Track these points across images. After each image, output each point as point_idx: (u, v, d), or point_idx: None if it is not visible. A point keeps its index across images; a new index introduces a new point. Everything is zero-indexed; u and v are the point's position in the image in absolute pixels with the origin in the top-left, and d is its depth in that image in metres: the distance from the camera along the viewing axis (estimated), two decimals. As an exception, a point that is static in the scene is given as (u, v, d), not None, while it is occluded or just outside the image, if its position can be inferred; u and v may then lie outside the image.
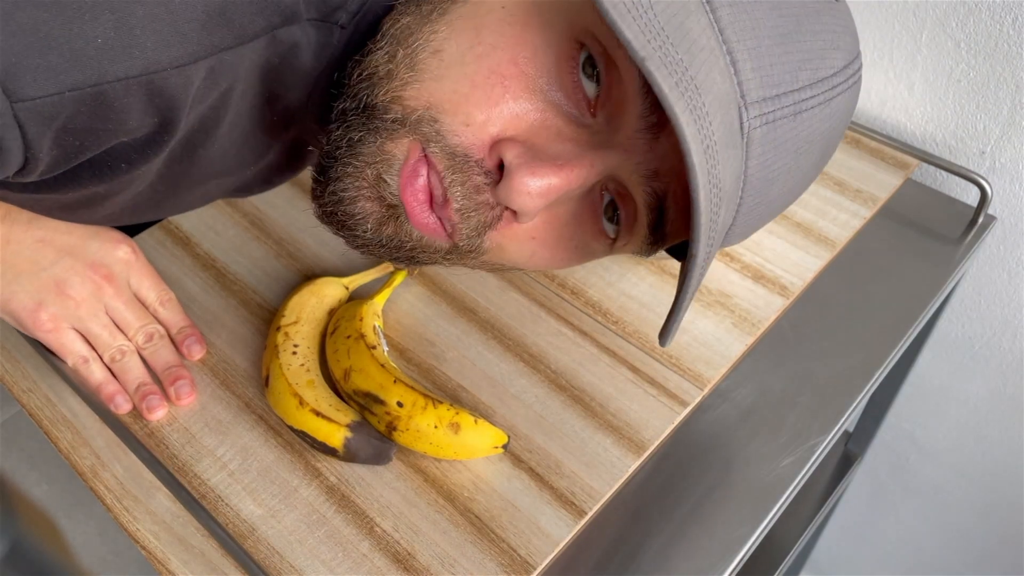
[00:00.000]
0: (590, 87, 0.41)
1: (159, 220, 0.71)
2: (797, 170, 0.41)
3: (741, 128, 0.37)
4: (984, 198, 0.70)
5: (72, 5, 0.34)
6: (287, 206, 0.72)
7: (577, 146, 0.41)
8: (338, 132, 0.44)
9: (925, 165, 0.77)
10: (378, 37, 0.44)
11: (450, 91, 0.41)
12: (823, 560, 1.31)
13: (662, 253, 0.54)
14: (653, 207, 0.42)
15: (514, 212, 0.43)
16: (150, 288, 0.61)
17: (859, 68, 0.43)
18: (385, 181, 0.43)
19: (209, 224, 0.70)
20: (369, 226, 0.45)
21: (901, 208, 0.73)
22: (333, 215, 0.45)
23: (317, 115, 0.49)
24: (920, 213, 0.73)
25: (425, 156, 0.42)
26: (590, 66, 0.40)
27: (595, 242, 0.46)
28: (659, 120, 0.39)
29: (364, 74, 0.44)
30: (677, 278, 0.66)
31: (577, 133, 0.42)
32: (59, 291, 0.57)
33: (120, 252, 0.60)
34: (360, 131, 0.43)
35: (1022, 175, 0.74)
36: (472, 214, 0.43)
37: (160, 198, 0.50)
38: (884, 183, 0.73)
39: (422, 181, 0.43)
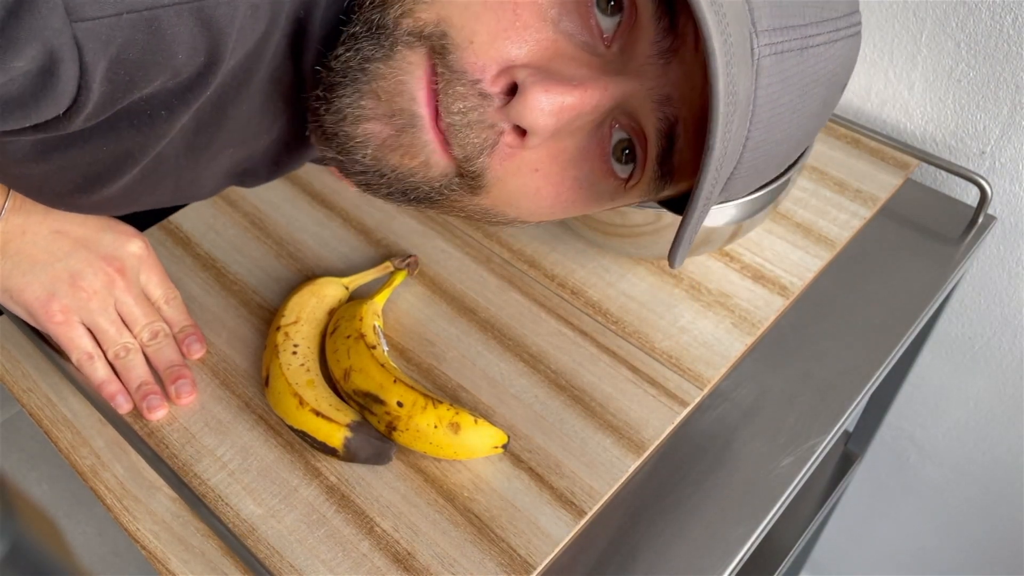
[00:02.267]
0: (605, 21, 0.41)
1: (161, 218, 0.71)
2: (802, 111, 0.42)
3: (752, 53, 0.38)
4: (984, 198, 0.70)
5: None
6: (287, 206, 0.72)
7: (591, 70, 0.41)
8: (345, 51, 0.42)
9: (925, 165, 0.77)
10: None
11: (462, 7, 0.41)
12: (823, 560, 1.31)
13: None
14: (664, 133, 0.42)
15: (522, 134, 0.42)
16: (157, 285, 0.61)
17: (859, 21, 0.44)
18: (404, 93, 0.41)
19: (209, 224, 0.70)
20: (370, 151, 0.43)
21: (901, 208, 0.73)
22: (334, 136, 0.43)
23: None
24: (920, 213, 0.73)
25: (433, 70, 0.41)
26: (605, 1, 0.40)
27: (602, 181, 0.45)
28: (671, 46, 0.40)
29: (375, 1, 0.43)
30: (676, 277, 0.66)
31: (590, 60, 0.41)
32: (72, 283, 0.57)
33: (133, 246, 0.60)
34: (371, 47, 0.41)
35: (1022, 175, 0.74)
36: (463, 132, 0.41)
37: (179, 171, 0.50)
38: (884, 183, 0.73)
39: (430, 96, 0.41)
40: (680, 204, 0.49)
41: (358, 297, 0.63)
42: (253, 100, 0.47)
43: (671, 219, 0.58)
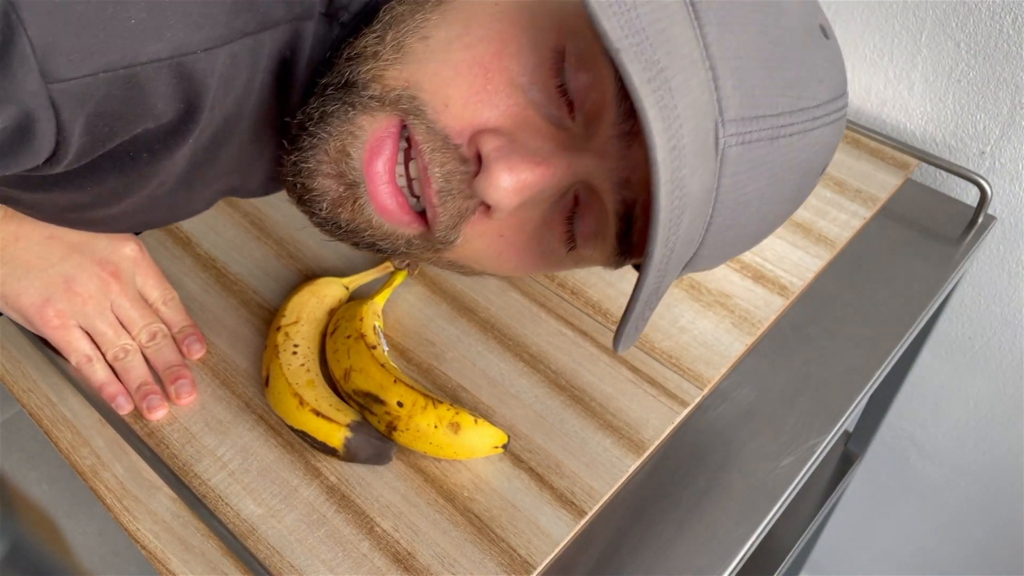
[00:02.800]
0: (571, 89, 0.41)
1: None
2: (771, 198, 0.41)
3: (716, 143, 0.37)
4: (984, 198, 0.70)
5: None
6: (287, 206, 0.72)
7: (556, 145, 0.41)
8: (314, 104, 0.43)
9: (925, 165, 0.77)
10: (372, 23, 0.44)
11: (432, 73, 0.41)
12: (823, 560, 1.31)
13: (628, 269, 0.53)
14: (622, 215, 0.42)
15: (488, 206, 0.42)
16: (154, 287, 0.61)
17: (843, 107, 0.43)
18: (349, 155, 0.42)
19: (209, 224, 0.70)
20: (325, 205, 0.43)
21: (901, 208, 0.73)
22: (293, 187, 0.44)
23: None
24: (920, 213, 0.73)
25: (403, 128, 0.42)
26: (572, 69, 0.41)
27: (562, 248, 0.46)
28: (633, 128, 0.39)
29: (351, 54, 0.43)
30: (677, 278, 0.66)
31: (555, 133, 0.42)
32: (67, 287, 0.57)
33: (127, 249, 0.60)
34: (335, 104, 0.42)
35: (1022, 175, 0.74)
36: (451, 198, 0.42)
37: (173, 201, 0.50)
38: (884, 183, 0.73)
39: (387, 157, 0.42)
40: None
41: (358, 297, 0.63)
42: (243, 137, 0.47)
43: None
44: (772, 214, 0.43)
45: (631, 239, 0.43)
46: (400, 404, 0.53)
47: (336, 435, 0.53)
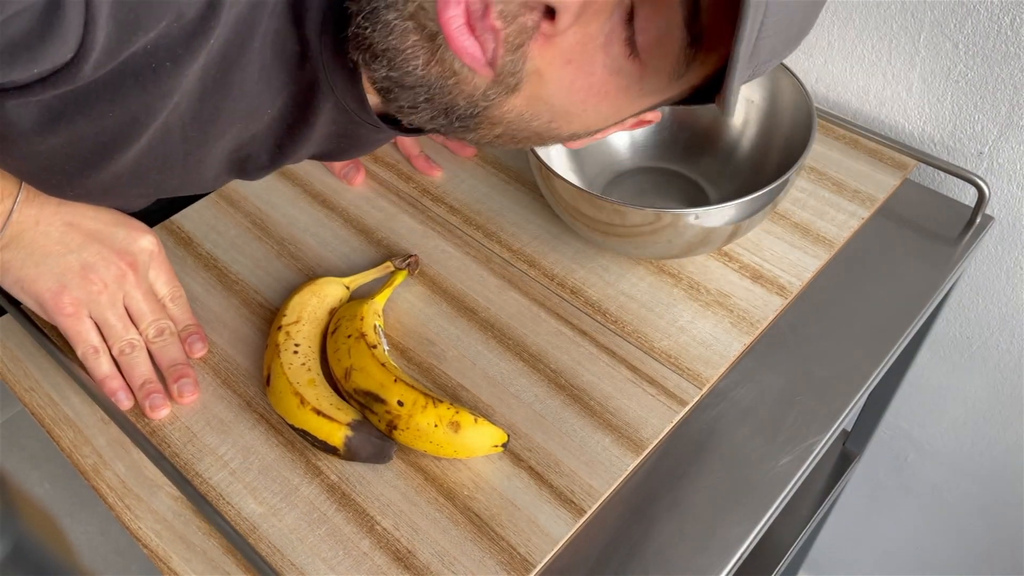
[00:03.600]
0: None
1: (164, 218, 0.71)
2: None
3: None
4: (982, 198, 0.71)
5: None
6: (288, 206, 0.72)
7: None
8: None
9: (923, 165, 0.78)
10: None
11: None
12: (821, 559, 1.31)
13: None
14: (687, 3, 0.43)
15: (551, 18, 0.43)
16: (165, 283, 0.62)
17: None
18: (423, 8, 0.43)
19: (211, 224, 0.71)
20: (421, 61, 0.44)
21: (899, 208, 0.73)
22: (384, 53, 0.44)
23: (332, 46, 0.49)
24: (918, 213, 0.73)
25: None
26: None
27: (629, 63, 0.46)
28: None
29: None
30: (675, 277, 0.66)
31: None
32: (84, 275, 0.57)
33: (145, 241, 0.60)
34: None
35: (1020, 175, 0.74)
36: (511, 16, 0.42)
37: (187, 146, 0.50)
38: (882, 183, 0.73)
39: (458, 6, 0.42)
40: (707, 95, 0.49)
41: (359, 297, 0.63)
42: (254, 66, 0.47)
43: (670, 219, 0.58)
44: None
45: (699, 24, 0.44)
46: (400, 403, 0.54)
47: (337, 434, 0.54)
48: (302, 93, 0.52)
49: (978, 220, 0.72)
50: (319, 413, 0.54)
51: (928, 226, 0.72)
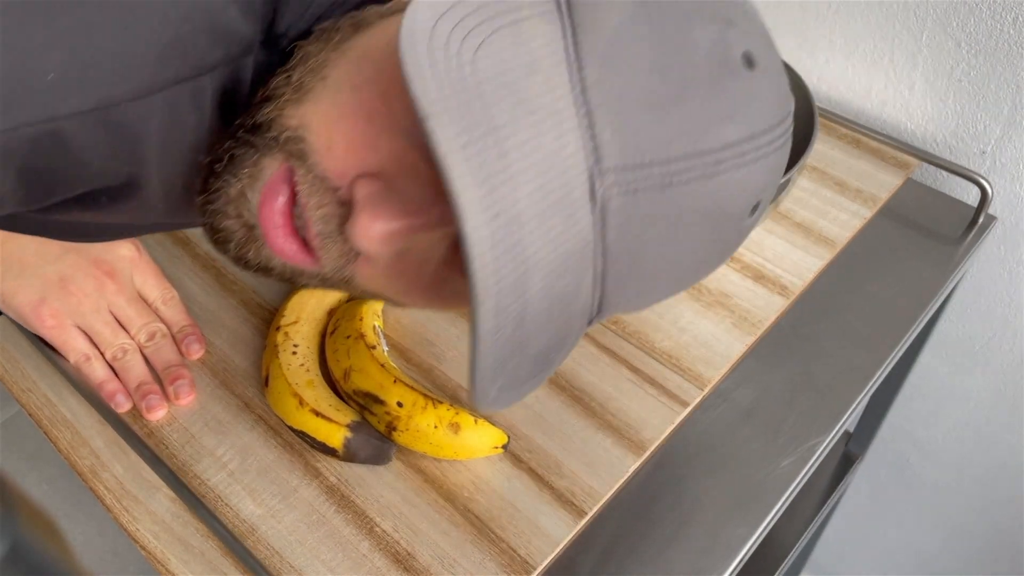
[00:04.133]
0: None
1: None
2: (680, 245, 0.39)
3: (593, 194, 0.35)
4: (984, 198, 0.70)
5: (19, 43, 0.34)
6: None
7: (436, 191, 0.39)
8: (225, 146, 0.42)
9: (925, 165, 0.77)
10: (288, 61, 0.43)
11: (322, 114, 0.40)
12: (824, 560, 1.31)
13: None
14: None
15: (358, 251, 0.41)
16: (153, 286, 0.61)
17: (768, 143, 0.39)
18: (246, 198, 0.41)
19: (209, 224, 0.70)
20: (232, 246, 0.43)
21: (901, 208, 0.73)
22: (206, 226, 0.44)
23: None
24: (920, 213, 0.73)
25: (291, 175, 0.41)
26: None
27: (460, 279, 0.43)
28: None
29: (263, 95, 0.43)
30: (677, 278, 0.66)
31: (437, 178, 0.38)
32: (62, 287, 0.57)
33: (123, 250, 0.60)
34: (243, 147, 0.41)
35: (1022, 175, 0.74)
36: (330, 241, 0.41)
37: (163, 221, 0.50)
38: (884, 183, 0.73)
39: (282, 201, 0.41)
40: None
41: (358, 297, 0.63)
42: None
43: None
44: (686, 260, 0.41)
45: None
46: (400, 404, 0.53)
47: (336, 435, 0.53)
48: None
49: (981, 220, 0.71)
50: (318, 414, 0.54)
51: (930, 226, 0.72)
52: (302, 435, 0.54)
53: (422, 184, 0.40)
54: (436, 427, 0.53)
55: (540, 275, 0.35)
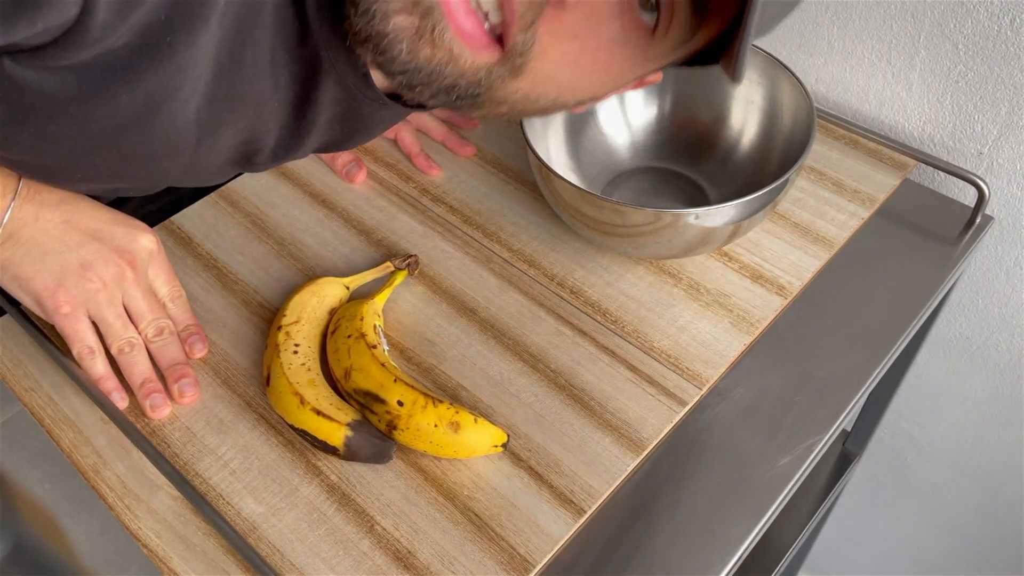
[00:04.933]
0: None
1: (163, 218, 0.71)
2: None
3: None
4: (982, 198, 0.71)
5: None
6: (288, 206, 0.72)
7: None
8: None
9: (923, 165, 0.78)
10: None
11: None
12: (821, 559, 1.31)
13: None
14: None
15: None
16: (164, 282, 0.61)
17: None
18: None
19: (211, 224, 0.71)
20: (404, 45, 0.42)
21: (899, 208, 0.73)
22: (368, 38, 0.43)
23: (331, 21, 0.48)
24: (918, 213, 0.73)
25: None
26: None
27: (635, 34, 0.45)
28: None
29: None
30: (675, 277, 0.66)
31: None
32: (82, 273, 0.57)
33: (144, 240, 0.60)
34: None
35: (1020, 175, 0.74)
36: (525, 3, 0.41)
37: (200, 135, 0.50)
38: (882, 183, 0.73)
39: None
40: (710, 56, 0.48)
41: (359, 297, 0.63)
42: (265, 43, 0.47)
43: (670, 219, 0.58)
44: None
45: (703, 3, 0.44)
46: (400, 403, 0.54)
47: (336, 434, 0.54)
48: (304, 72, 0.52)
49: (978, 220, 0.72)
50: (319, 413, 0.54)
51: (928, 226, 0.72)
52: (303, 434, 0.55)
53: None
54: (436, 426, 0.53)
55: None
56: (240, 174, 0.74)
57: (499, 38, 0.44)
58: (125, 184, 0.59)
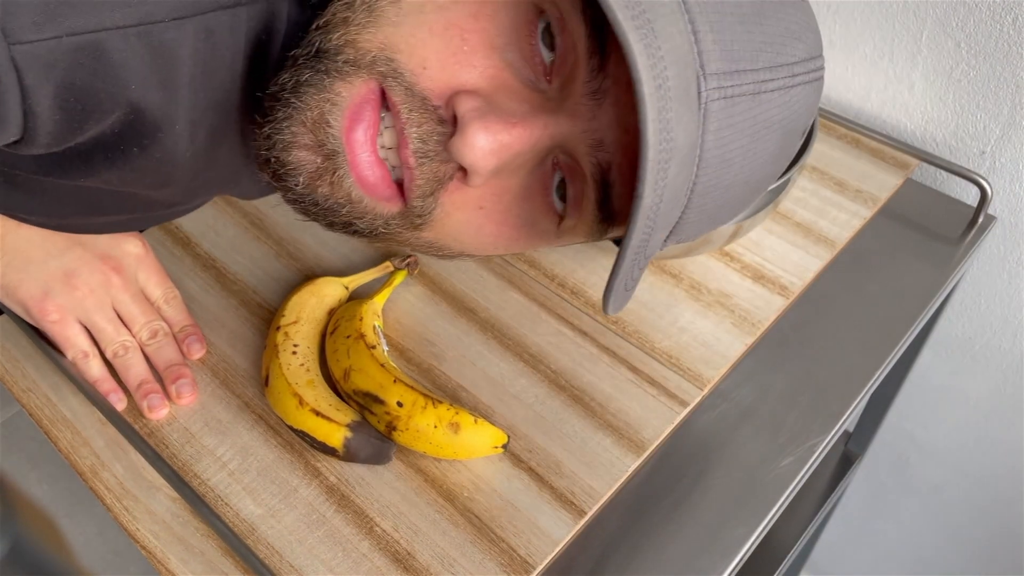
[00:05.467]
0: (547, 54, 0.40)
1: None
2: (755, 157, 0.41)
3: (699, 95, 0.37)
4: (984, 198, 0.70)
5: None
6: (287, 206, 0.72)
7: (532, 107, 0.40)
8: (286, 75, 0.41)
9: (925, 165, 0.77)
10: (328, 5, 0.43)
11: (408, 35, 0.40)
12: (823, 560, 1.31)
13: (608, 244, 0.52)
14: (599, 180, 0.41)
15: (464, 172, 0.41)
16: (156, 285, 0.61)
17: (821, 67, 0.43)
18: (328, 123, 0.40)
19: (209, 224, 0.70)
20: (302, 179, 0.42)
21: (901, 208, 0.73)
22: (267, 163, 0.42)
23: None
24: (920, 213, 0.73)
25: (382, 93, 0.40)
26: (548, 35, 0.40)
27: (544, 219, 0.45)
28: (602, 87, 0.39)
29: (320, 23, 0.42)
30: (676, 277, 0.66)
31: (531, 95, 0.41)
32: (67, 281, 0.57)
33: (130, 246, 0.60)
34: (308, 72, 0.40)
35: (1022, 175, 0.74)
36: (427, 160, 0.40)
37: (172, 211, 0.51)
38: (884, 183, 0.73)
39: (367, 123, 0.40)
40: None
41: (358, 297, 0.63)
42: (236, 134, 0.46)
43: (671, 219, 0.58)
44: (756, 175, 0.42)
45: (611, 206, 0.42)
46: (400, 404, 0.53)
47: (336, 435, 0.53)
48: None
49: (980, 220, 0.71)
50: (318, 414, 0.54)
51: (930, 226, 0.72)
52: (302, 435, 0.54)
53: (519, 100, 0.40)
54: (436, 427, 0.53)
55: (675, 167, 0.37)
56: None
57: (401, 186, 0.42)
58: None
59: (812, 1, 0.78)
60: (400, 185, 0.42)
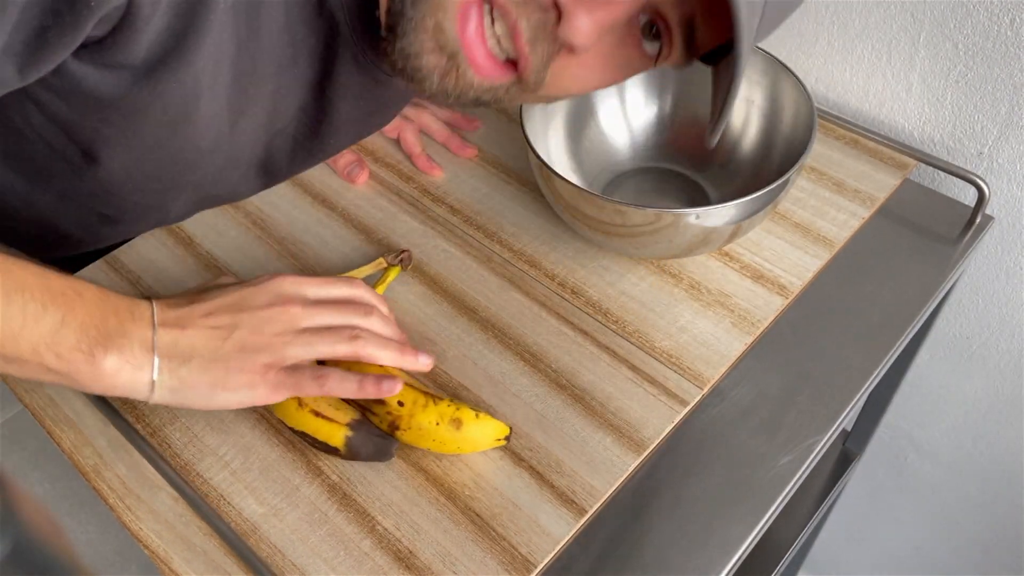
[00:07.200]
0: None
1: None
2: None
3: None
4: (982, 198, 0.71)
5: None
6: (288, 206, 0.72)
7: None
8: None
9: (923, 165, 0.78)
10: None
11: None
12: (821, 559, 1.31)
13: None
14: (684, 24, 0.49)
15: (571, 46, 0.47)
16: (319, 286, 0.56)
17: None
18: (443, 28, 0.47)
19: (211, 224, 0.71)
20: (435, 79, 0.49)
21: (899, 208, 0.73)
22: (404, 70, 0.49)
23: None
24: (918, 213, 0.73)
25: None
26: None
27: (637, 60, 0.51)
28: None
29: None
30: (676, 277, 0.66)
31: None
32: (255, 344, 0.51)
33: (271, 285, 0.54)
34: None
35: (1020, 175, 0.74)
36: (539, 45, 0.47)
37: (232, 117, 0.54)
38: (882, 183, 0.74)
39: (476, 23, 0.47)
40: (713, 56, 0.53)
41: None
42: (278, 9, 0.51)
43: (671, 219, 0.58)
44: None
45: (695, 42, 0.50)
46: (401, 404, 0.53)
47: (337, 434, 0.53)
48: (320, 45, 0.55)
49: (978, 220, 0.72)
50: (318, 415, 0.54)
51: (928, 226, 0.72)
52: (303, 435, 0.55)
53: None
54: (438, 424, 0.53)
55: None
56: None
57: (515, 63, 0.49)
58: (177, 197, 0.62)
59: (812, 2, 0.78)
60: (513, 63, 0.49)
